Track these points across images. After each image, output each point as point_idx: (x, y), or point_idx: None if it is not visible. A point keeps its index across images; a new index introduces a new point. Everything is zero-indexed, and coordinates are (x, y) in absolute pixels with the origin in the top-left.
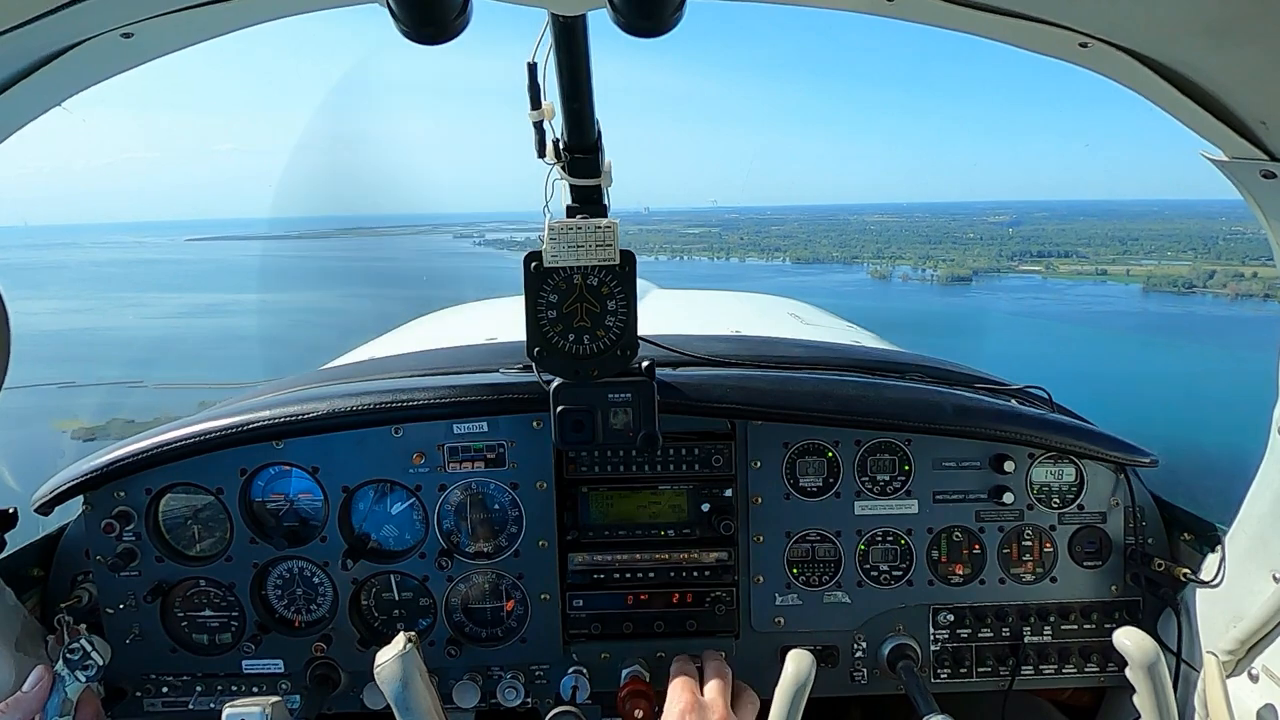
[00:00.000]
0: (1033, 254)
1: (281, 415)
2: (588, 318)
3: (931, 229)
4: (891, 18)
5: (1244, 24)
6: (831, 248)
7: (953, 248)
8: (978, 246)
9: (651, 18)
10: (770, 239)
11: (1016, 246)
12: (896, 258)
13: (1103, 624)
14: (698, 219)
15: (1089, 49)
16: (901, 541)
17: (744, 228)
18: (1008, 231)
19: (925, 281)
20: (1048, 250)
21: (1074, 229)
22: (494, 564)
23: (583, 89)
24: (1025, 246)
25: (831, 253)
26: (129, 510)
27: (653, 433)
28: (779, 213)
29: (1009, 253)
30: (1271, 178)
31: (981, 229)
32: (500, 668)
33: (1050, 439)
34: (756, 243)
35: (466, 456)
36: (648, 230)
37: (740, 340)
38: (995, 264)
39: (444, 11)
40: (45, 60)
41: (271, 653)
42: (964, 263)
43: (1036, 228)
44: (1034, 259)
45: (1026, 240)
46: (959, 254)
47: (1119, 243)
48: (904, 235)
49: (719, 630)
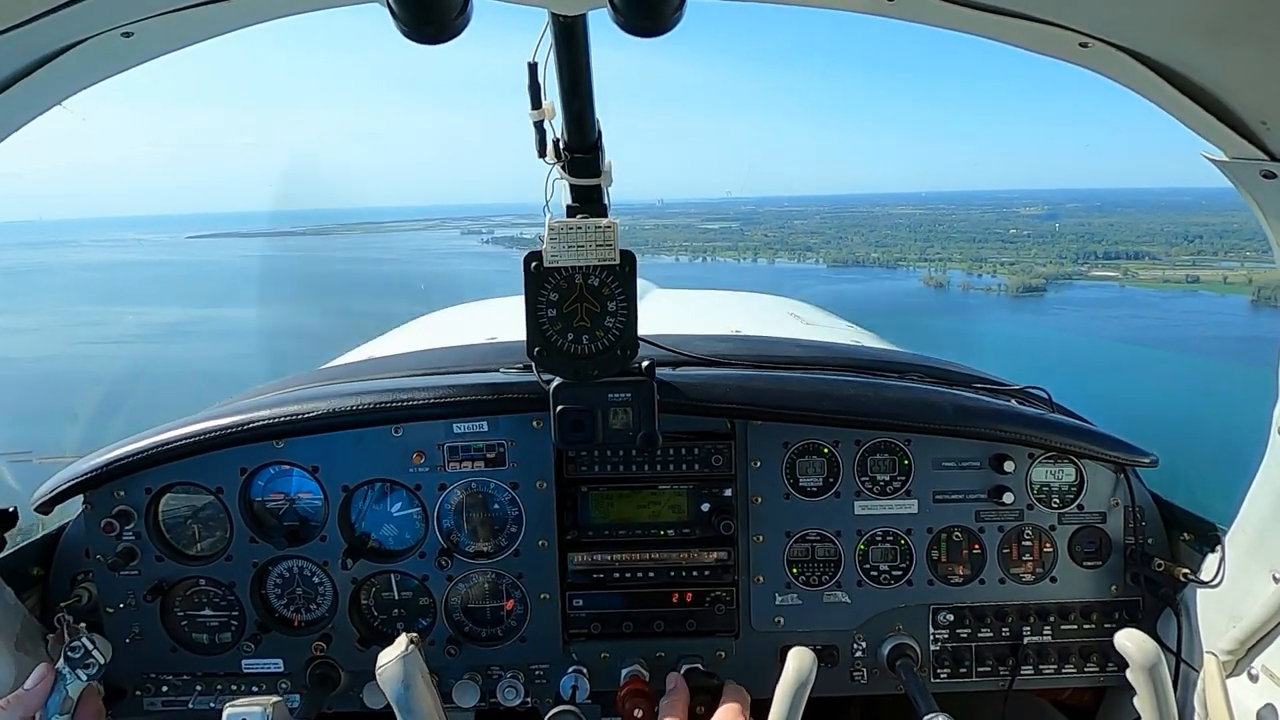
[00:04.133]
0: (1098, 255)
1: (281, 415)
2: (588, 318)
3: (965, 223)
4: (891, 17)
5: (1244, 24)
6: (868, 247)
7: (1003, 247)
8: (1032, 246)
9: (651, 17)
10: (797, 235)
11: (1074, 246)
12: (945, 260)
13: (1102, 624)
14: (714, 211)
15: (1089, 49)
16: (901, 541)
17: (765, 222)
18: (1053, 227)
19: (991, 291)
20: (1115, 251)
21: (1120, 222)
22: (494, 563)
23: (583, 89)
24: (1085, 246)
25: (870, 254)
26: (129, 509)
27: (652, 432)
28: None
29: (1072, 254)
30: (1272, 178)
31: (1018, 222)
32: (500, 667)
33: (1050, 439)
34: (784, 240)
35: (466, 456)
36: (665, 226)
37: (740, 340)
38: (1063, 269)
39: (444, 11)
40: (45, 60)
41: (271, 652)
42: (1027, 267)
43: (1079, 221)
44: (1103, 262)
45: (1081, 238)
46: (1013, 254)
47: (1185, 240)
48: (940, 231)
49: (719, 630)
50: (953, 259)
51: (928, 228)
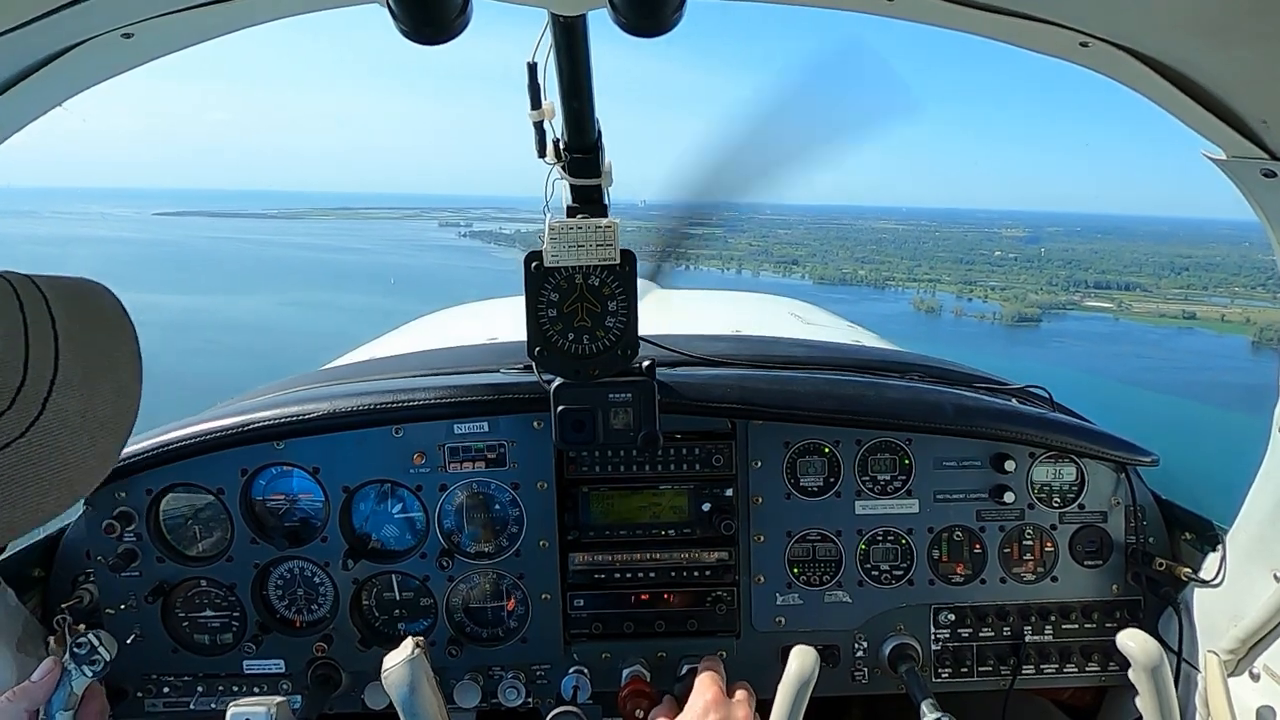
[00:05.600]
0: (1088, 284)
1: (282, 415)
2: (588, 317)
3: (949, 241)
4: (891, 17)
5: (1244, 23)
6: (854, 263)
7: (990, 270)
8: (1020, 271)
9: (651, 18)
10: (781, 246)
11: (1063, 273)
12: (933, 281)
13: (1103, 623)
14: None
15: (1089, 48)
16: (902, 541)
17: (748, 228)
18: (1038, 251)
19: (985, 319)
20: (1105, 281)
21: (1103, 249)
22: (495, 564)
23: (583, 89)
24: (1073, 273)
25: (857, 271)
26: (130, 510)
27: (653, 432)
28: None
29: (1062, 281)
30: (1272, 177)
31: (1001, 244)
32: (501, 668)
33: (1051, 438)
34: (768, 250)
35: (467, 456)
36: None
37: (740, 340)
38: (1056, 298)
39: (444, 11)
40: (45, 60)
41: (272, 653)
42: (1020, 294)
43: (1062, 246)
44: (1095, 292)
45: (1069, 264)
46: (1001, 278)
47: (1173, 272)
48: (926, 250)
49: (720, 630)
50: (941, 280)
51: (912, 244)
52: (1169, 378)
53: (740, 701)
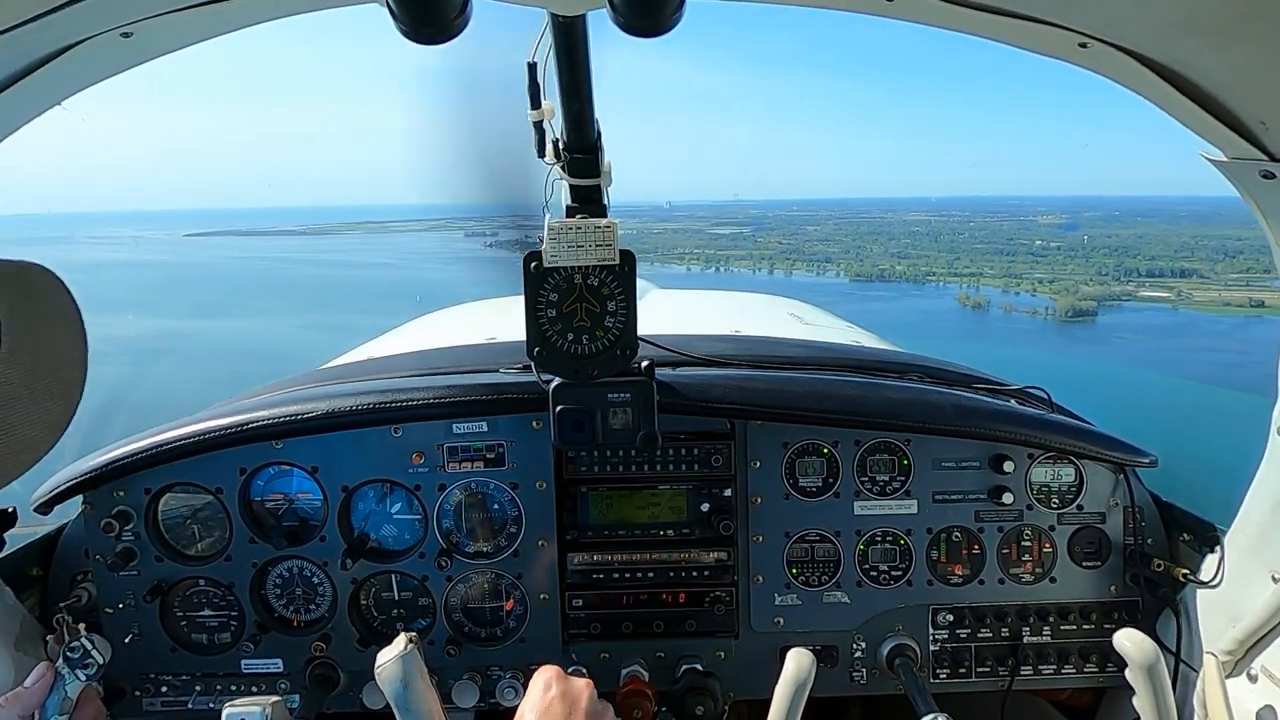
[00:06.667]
0: (1140, 272)
1: (281, 415)
2: (587, 318)
3: (985, 232)
4: (891, 17)
5: (1243, 24)
6: (890, 259)
7: (1034, 261)
8: (1066, 261)
9: (651, 18)
10: (811, 243)
11: (1111, 261)
12: (976, 275)
13: (1102, 624)
14: (722, 213)
15: (1089, 49)
16: (901, 541)
17: (777, 227)
18: (1081, 239)
19: (1037, 314)
20: (1156, 268)
21: (1147, 234)
22: (493, 564)
23: (583, 89)
24: (1122, 261)
25: (894, 266)
26: (128, 510)
27: (652, 433)
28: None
29: (1112, 270)
30: (1271, 178)
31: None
32: (499, 667)
33: (1050, 439)
34: (800, 249)
35: (466, 456)
36: (674, 230)
37: (740, 340)
38: (1109, 289)
39: (444, 11)
40: (45, 60)
41: (271, 652)
42: (1070, 286)
43: (1103, 232)
44: (1150, 280)
45: (1115, 252)
46: (1047, 269)
47: (1227, 256)
48: (962, 241)
49: (718, 630)
50: (984, 274)
51: (948, 237)
52: (1247, 373)
53: (577, 678)
